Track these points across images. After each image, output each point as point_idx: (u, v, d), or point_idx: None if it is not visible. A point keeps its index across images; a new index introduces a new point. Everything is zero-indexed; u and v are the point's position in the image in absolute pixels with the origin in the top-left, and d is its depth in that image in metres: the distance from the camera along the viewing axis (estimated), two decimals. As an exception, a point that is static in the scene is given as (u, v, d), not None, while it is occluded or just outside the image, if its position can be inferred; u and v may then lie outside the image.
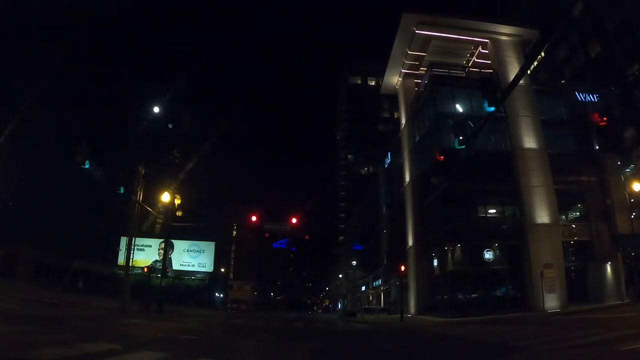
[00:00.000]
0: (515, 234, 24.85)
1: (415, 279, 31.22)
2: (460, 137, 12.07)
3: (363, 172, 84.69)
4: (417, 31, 30.57)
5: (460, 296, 25.77)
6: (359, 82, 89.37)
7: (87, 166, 16.40)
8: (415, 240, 31.86)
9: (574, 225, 26.64)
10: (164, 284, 27.83)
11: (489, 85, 10.91)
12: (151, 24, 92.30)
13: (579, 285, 24.69)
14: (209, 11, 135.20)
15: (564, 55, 38.96)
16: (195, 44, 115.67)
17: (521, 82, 14.65)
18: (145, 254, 42.29)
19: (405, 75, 35.05)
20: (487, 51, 30.58)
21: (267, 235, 54.80)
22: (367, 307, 49.92)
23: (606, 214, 25.65)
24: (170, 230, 29.24)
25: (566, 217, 27.35)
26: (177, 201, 23.17)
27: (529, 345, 9.49)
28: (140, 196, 21.35)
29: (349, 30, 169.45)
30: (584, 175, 26.36)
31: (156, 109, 24.63)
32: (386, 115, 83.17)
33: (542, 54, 34.93)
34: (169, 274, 37.22)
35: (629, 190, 25.09)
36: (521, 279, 24.07)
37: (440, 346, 11.18)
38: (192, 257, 47.19)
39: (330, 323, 26.27)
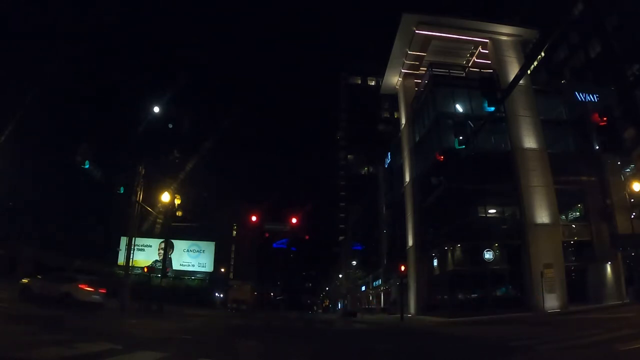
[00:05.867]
0: (515, 234, 24.85)
1: (415, 279, 31.22)
2: (460, 137, 12.11)
3: (363, 172, 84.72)
4: (417, 31, 30.56)
5: (460, 296, 25.78)
6: (359, 82, 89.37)
7: (87, 166, 16.41)
8: (415, 240, 31.86)
9: (574, 225, 26.63)
10: (164, 284, 27.79)
11: (489, 85, 10.92)
12: (151, 24, 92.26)
13: (579, 286, 24.68)
14: (209, 11, 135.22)
15: (564, 55, 38.92)
16: (195, 44, 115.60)
17: (521, 82, 14.66)
18: (145, 254, 42.20)
19: (405, 75, 35.04)
20: (487, 51, 30.57)
21: (267, 235, 54.88)
22: (367, 307, 49.95)
23: (606, 214, 25.62)
24: (170, 230, 29.20)
25: (566, 217, 27.34)
26: (177, 201, 23.14)
27: (529, 346, 9.50)
28: (140, 196, 21.34)
29: (349, 30, 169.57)
30: (584, 175, 26.34)
31: (156, 109, 24.56)
32: (386, 115, 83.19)
33: (542, 54, 34.90)
34: (169, 274, 37.14)
35: (629, 190, 25.04)
36: (521, 279, 24.07)
37: (441, 346, 11.19)
38: (192, 257, 47.08)
39: (330, 323, 26.28)
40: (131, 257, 21.17)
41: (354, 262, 58.95)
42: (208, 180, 45.77)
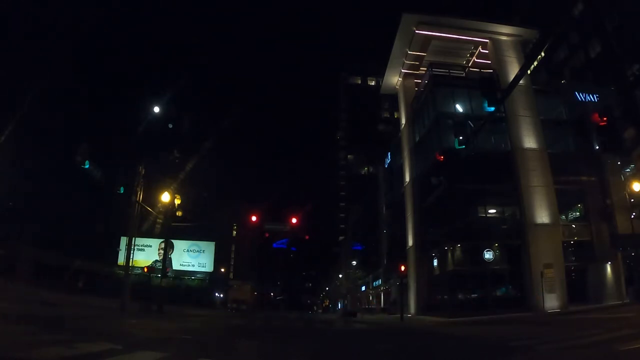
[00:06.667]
0: (515, 234, 24.86)
1: (415, 279, 31.22)
2: (460, 137, 12.11)
3: (363, 172, 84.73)
4: (417, 31, 30.56)
5: (460, 296, 25.77)
6: (359, 82, 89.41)
7: (87, 166, 16.39)
8: (415, 240, 31.85)
9: (574, 225, 26.63)
10: (164, 284, 27.79)
11: (489, 85, 10.91)
12: (151, 24, 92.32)
13: (579, 286, 24.69)
14: (209, 11, 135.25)
15: (564, 55, 38.92)
16: (195, 44, 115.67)
17: (521, 82, 14.66)
18: (145, 254, 42.25)
19: (405, 75, 35.04)
20: (487, 51, 30.57)
21: (267, 235, 54.91)
22: (367, 307, 49.96)
23: (606, 214, 25.62)
24: (170, 230, 29.21)
25: (566, 217, 27.33)
26: (177, 201, 23.16)
27: (529, 346, 9.49)
28: (140, 196, 21.31)
29: (349, 30, 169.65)
30: (584, 175, 26.35)
31: (156, 109, 24.55)
32: (386, 115, 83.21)
33: (542, 54, 34.89)
34: (169, 274, 37.17)
35: (629, 190, 25.03)
36: (521, 279, 24.07)
37: (441, 346, 11.18)
38: (192, 257, 47.12)
39: (330, 323, 26.28)
40: (131, 257, 21.15)
41: (354, 262, 58.95)
42: (208, 180, 45.79)
